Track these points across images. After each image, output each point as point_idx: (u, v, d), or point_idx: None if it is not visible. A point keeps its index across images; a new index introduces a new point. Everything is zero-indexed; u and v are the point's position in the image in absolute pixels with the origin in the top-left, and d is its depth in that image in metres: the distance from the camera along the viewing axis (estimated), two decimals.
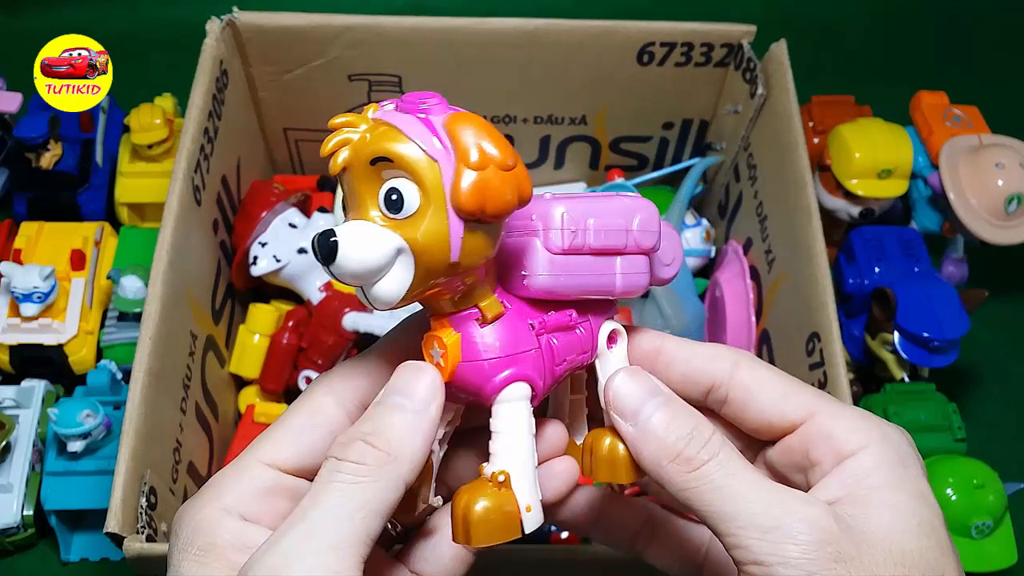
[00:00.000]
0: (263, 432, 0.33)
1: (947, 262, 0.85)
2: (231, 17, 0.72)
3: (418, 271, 0.29)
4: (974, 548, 0.68)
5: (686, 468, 0.31)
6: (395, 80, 0.78)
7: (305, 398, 0.34)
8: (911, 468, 0.32)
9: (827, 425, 0.33)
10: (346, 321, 0.74)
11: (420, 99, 0.30)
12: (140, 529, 0.51)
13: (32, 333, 0.74)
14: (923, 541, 0.30)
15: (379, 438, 0.30)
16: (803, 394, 0.34)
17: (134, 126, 0.81)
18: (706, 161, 0.83)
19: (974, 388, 0.84)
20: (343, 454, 0.30)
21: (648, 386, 0.33)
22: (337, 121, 0.29)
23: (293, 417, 0.33)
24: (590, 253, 0.33)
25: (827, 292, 0.62)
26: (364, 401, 0.33)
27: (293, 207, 0.76)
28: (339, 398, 0.33)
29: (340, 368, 0.34)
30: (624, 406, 0.33)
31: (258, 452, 0.33)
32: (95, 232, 0.80)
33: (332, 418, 0.33)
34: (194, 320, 0.66)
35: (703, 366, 0.35)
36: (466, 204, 0.28)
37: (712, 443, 0.32)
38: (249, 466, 0.32)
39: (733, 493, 0.30)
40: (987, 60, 1.10)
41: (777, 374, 0.35)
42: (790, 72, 0.71)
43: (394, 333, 0.35)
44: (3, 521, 0.68)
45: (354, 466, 0.29)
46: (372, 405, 0.32)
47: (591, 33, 0.75)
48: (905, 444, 0.33)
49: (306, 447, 0.33)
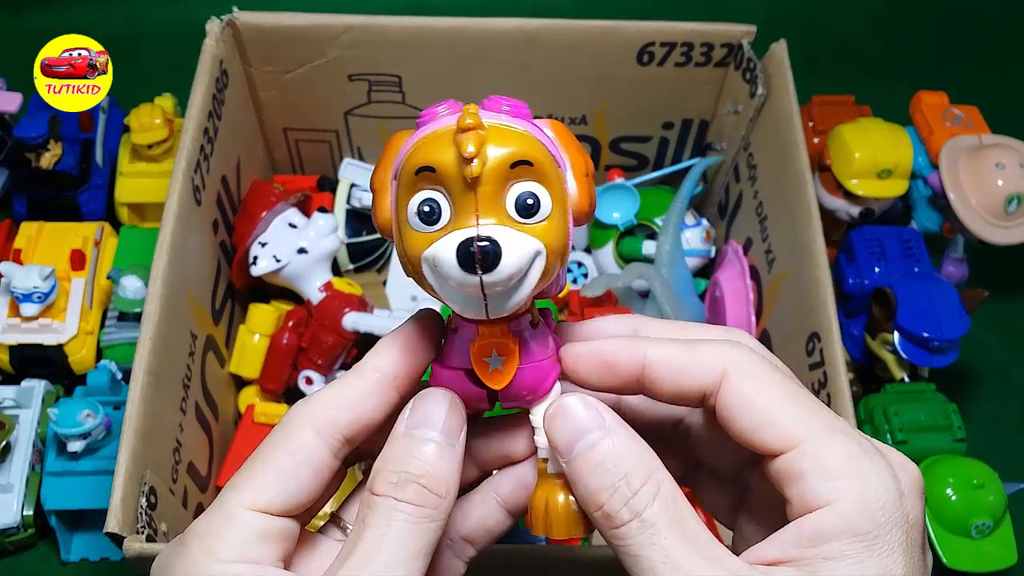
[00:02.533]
0: (241, 470, 0.32)
1: (947, 262, 0.85)
2: (231, 17, 0.72)
3: (543, 275, 0.29)
4: (974, 548, 0.68)
5: (608, 524, 0.29)
6: (395, 80, 0.78)
7: (286, 432, 0.32)
8: (882, 539, 0.27)
9: (801, 464, 0.28)
10: (346, 321, 0.74)
11: (515, 104, 0.30)
12: (140, 529, 0.51)
13: (32, 333, 0.74)
14: None
15: (431, 480, 0.30)
16: (793, 415, 0.29)
17: (134, 126, 0.81)
18: (706, 161, 0.83)
19: (974, 388, 0.84)
20: (401, 495, 0.30)
21: (586, 417, 0.30)
22: (469, 123, 0.28)
23: (275, 457, 0.32)
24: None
25: (827, 292, 0.62)
26: (348, 432, 0.32)
27: (293, 207, 0.76)
28: (320, 432, 0.32)
29: (321, 397, 0.33)
30: (557, 440, 0.31)
31: (242, 497, 0.31)
32: (95, 232, 0.80)
33: (315, 456, 0.32)
34: (194, 320, 0.66)
35: (689, 378, 0.31)
36: (585, 209, 0.30)
37: (641, 496, 0.28)
38: (235, 513, 0.31)
39: (647, 566, 0.28)
40: (987, 60, 1.10)
41: (768, 388, 0.30)
42: (790, 72, 0.71)
43: (378, 358, 0.33)
44: (3, 521, 0.68)
45: (414, 508, 0.30)
46: (404, 437, 0.31)
47: (591, 33, 0.75)
48: (887, 504, 0.27)
49: (292, 490, 0.31)
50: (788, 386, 0.30)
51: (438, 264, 0.27)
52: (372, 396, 0.32)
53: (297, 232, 0.74)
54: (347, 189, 0.84)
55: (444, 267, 0.27)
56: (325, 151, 0.87)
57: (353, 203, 0.83)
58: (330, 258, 0.76)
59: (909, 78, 0.99)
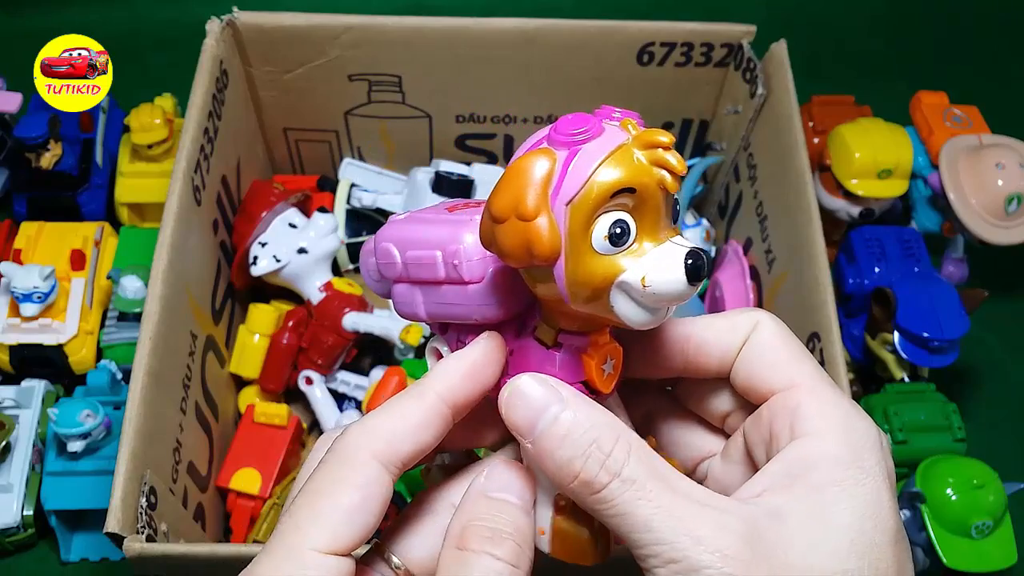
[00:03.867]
0: (302, 505, 0.30)
1: (947, 262, 0.85)
2: (231, 17, 0.72)
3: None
4: (974, 548, 0.68)
5: (587, 491, 0.29)
6: (395, 80, 0.78)
7: (347, 464, 0.30)
8: (866, 471, 0.29)
9: (796, 399, 0.31)
10: (346, 321, 0.74)
11: (624, 112, 0.30)
12: (140, 529, 0.51)
13: (32, 333, 0.74)
14: (853, 562, 0.27)
15: (523, 538, 0.31)
16: (795, 364, 0.32)
17: (134, 126, 0.81)
18: (706, 161, 0.83)
19: (974, 388, 0.84)
20: (500, 553, 0.30)
21: (542, 395, 0.30)
22: (665, 140, 0.28)
23: (340, 492, 0.30)
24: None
25: (827, 292, 0.62)
26: (409, 461, 0.31)
27: (293, 207, 0.76)
28: (384, 461, 0.30)
29: (380, 424, 0.31)
30: (517, 422, 0.30)
31: (312, 539, 0.29)
32: (95, 232, 0.80)
33: (382, 489, 0.30)
34: (194, 320, 0.66)
35: (731, 337, 0.33)
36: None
37: (613, 458, 0.28)
38: (305, 559, 0.29)
39: (639, 520, 0.28)
40: (987, 60, 1.10)
41: (783, 341, 0.32)
42: (790, 72, 0.71)
43: (441, 382, 0.31)
44: (3, 521, 0.68)
45: (512, 568, 0.30)
46: (487, 499, 0.31)
47: (591, 33, 0.75)
48: (869, 441, 0.30)
49: (359, 526, 0.30)
50: (795, 343, 0.33)
51: (655, 284, 0.27)
52: (433, 424, 0.31)
53: (297, 232, 0.74)
54: (347, 189, 0.84)
55: (667, 285, 0.27)
56: (325, 151, 0.87)
57: (353, 203, 0.83)
58: (330, 258, 0.76)
59: (909, 78, 0.99)
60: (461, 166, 0.84)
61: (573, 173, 0.27)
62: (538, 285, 0.29)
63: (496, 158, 0.86)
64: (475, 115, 0.82)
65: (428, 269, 0.32)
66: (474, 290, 0.31)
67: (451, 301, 0.32)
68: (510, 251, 0.28)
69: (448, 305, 0.32)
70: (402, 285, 0.34)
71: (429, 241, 0.32)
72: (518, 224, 0.27)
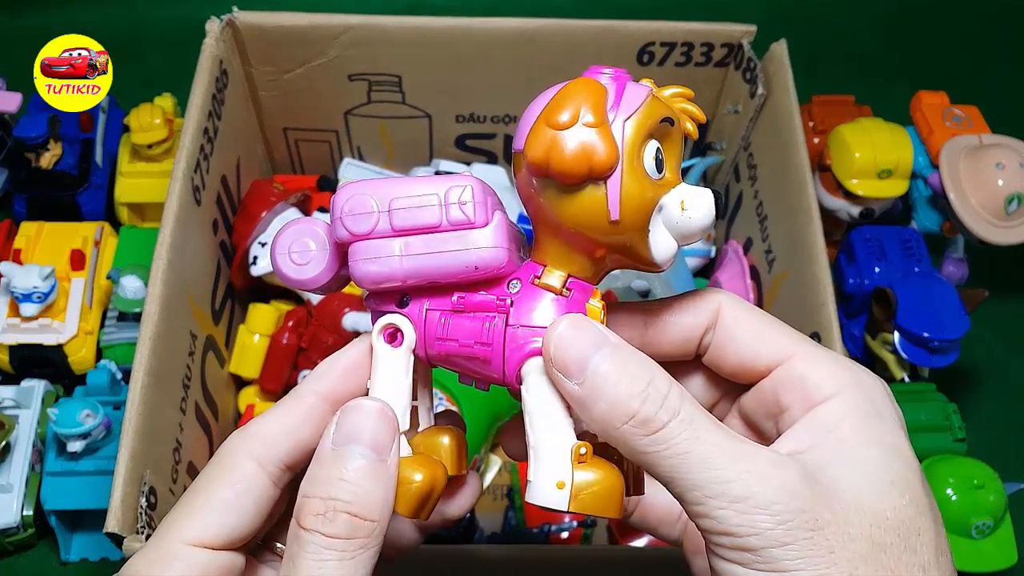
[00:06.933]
0: (179, 504, 0.31)
1: (947, 262, 0.85)
2: (231, 17, 0.72)
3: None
4: (974, 548, 0.68)
5: (644, 431, 0.28)
6: (395, 80, 0.78)
7: (224, 463, 0.31)
8: (885, 419, 0.30)
9: (800, 368, 0.31)
10: (346, 321, 0.74)
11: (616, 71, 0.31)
12: (140, 529, 0.51)
13: (32, 333, 0.74)
14: (896, 499, 0.28)
15: (362, 506, 0.29)
16: (782, 336, 0.32)
17: (134, 126, 0.81)
18: (706, 161, 0.83)
19: (974, 388, 0.84)
20: (331, 530, 0.28)
21: (594, 335, 0.29)
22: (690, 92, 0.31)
23: (214, 490, 0.31)
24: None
25: (827, 292, 0.62)
26: (288, 460, 0.31)
27: (293, 207, 0.76)
28: (260, 460, 0.31)
29: (259, 425, 0.32)
30: (567, 360, 0.29)
31: (183, 532, 0.30)
32: (95, 232, 0.80)
33: (256, 486, 0.31)
34: (194, 320, 0.66)
35: (693, 316, 0.33)
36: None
37: (671, 398, 0.28)
38: (176, 550, 0.30)
39: (699, 459, 0.27)
40: (987, 60, 1.10)
41: (758, 316, 0.33)
42: (790, 72, 0.71)
43: (317, 381, 0.33)
44: (3, 521, 0.68)
45: (345, 542, 0.28)
46: (331, 456, 0.29)
47: (591, 33, 0.75)
48: (880, 393, 0.31)
49: (234, 523, 0.30)
50: (769, 316, 0.33)
51: (692, 209, 0.29)
52: (311, 422, 0.31)
53: None
54: None
55: (702, 211, 0.29)
56: (325, 151, 0.87)
57: None
58: None
59: (909, 78, 0.99)
60: (461, 166, 0.84)
61: (629, 94, 0.29)
62: (574, 208, 0.29)
63: (496, 158, 0.86)
64: (475, 115, 0.82)
65: (426, 212, 0.31)
66: (481, 233, 0.31)
67: (451, 248, 0.31)
68: (571, 160, 0.28)
69: (442, 254, 0.31)
70: (373, 241, 0.31)
71: (423, 188, 0.31)
72: (583, 131, 0.28)
